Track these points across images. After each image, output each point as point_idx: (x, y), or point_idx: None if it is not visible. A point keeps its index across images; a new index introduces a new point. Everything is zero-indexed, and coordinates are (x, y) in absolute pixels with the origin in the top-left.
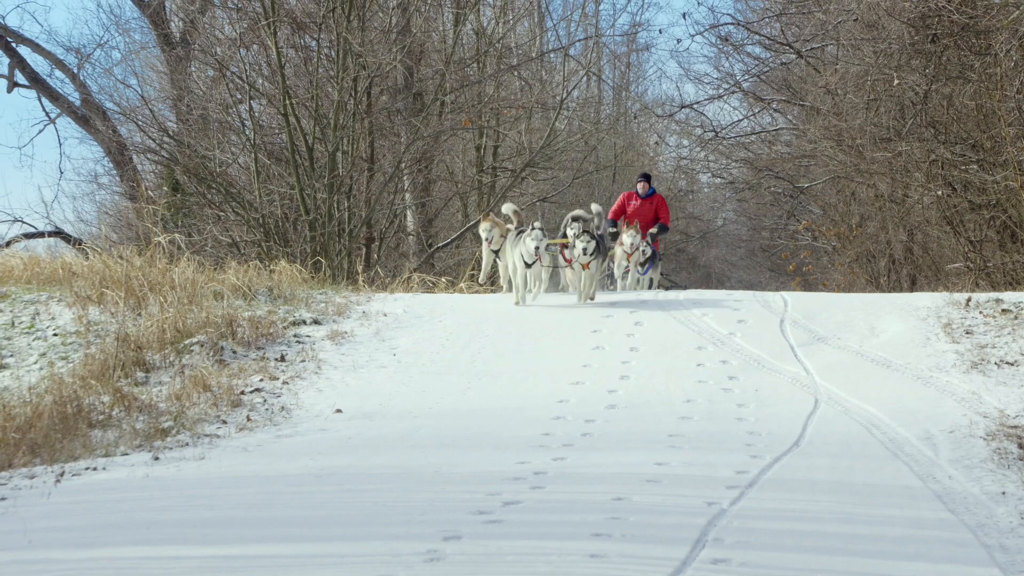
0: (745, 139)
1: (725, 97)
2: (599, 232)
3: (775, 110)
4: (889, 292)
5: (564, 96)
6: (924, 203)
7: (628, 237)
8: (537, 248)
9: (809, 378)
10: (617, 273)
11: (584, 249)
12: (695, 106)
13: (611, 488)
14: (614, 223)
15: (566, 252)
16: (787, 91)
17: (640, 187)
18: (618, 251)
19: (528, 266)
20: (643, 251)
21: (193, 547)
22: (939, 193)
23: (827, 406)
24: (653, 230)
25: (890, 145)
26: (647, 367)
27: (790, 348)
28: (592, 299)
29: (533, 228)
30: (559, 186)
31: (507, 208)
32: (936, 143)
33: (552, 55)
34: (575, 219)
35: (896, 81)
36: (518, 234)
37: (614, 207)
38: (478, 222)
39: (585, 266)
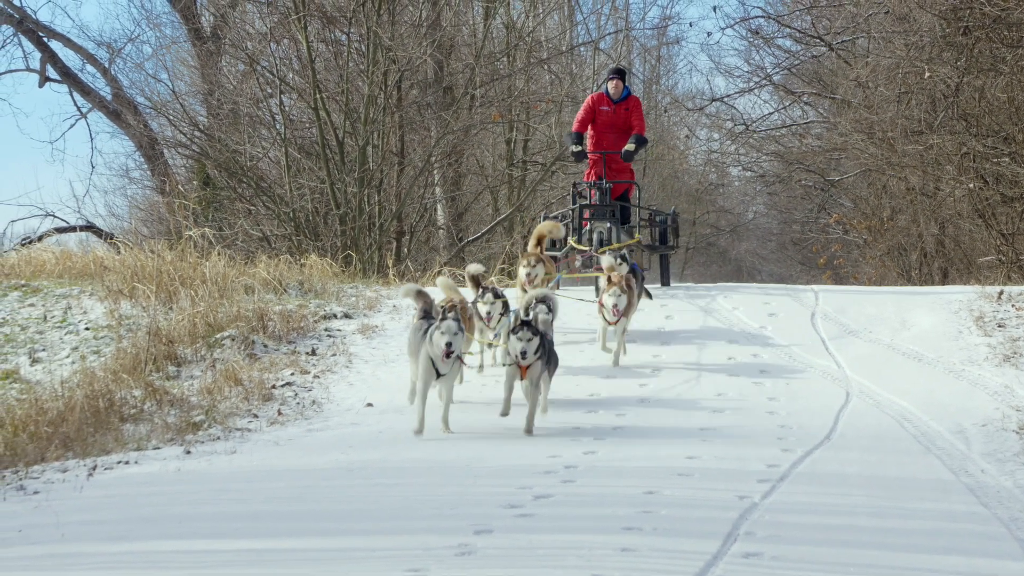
0: (776, 132)
1: (756, 90)
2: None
3: (806, 103)
4: (920, 285)
5: (594, 90)
6: (956, 196)
7: (610, 297)
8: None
9: (840, 372)
10: (602, 321)
11: (522, 352)
12: (725, 99)
13: (642, 482)
14: (580, 137)
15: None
16: (818, 84)
17: (612, 87)
18: (604, 298)
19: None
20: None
21: (225, 541)
22: (971, 186)
23: (858, 400)
24: (630, 146)
25: (921, 138)
26: (678, 361)
27: (821, 342)
28: (529, 434)
29: (485, 292)
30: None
31: (473, 269)
32: (968, 136)
33: (582, 48)
34: (540, 301)
35: (927, 74)
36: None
37: (580, 115)
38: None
39: (523, 370)
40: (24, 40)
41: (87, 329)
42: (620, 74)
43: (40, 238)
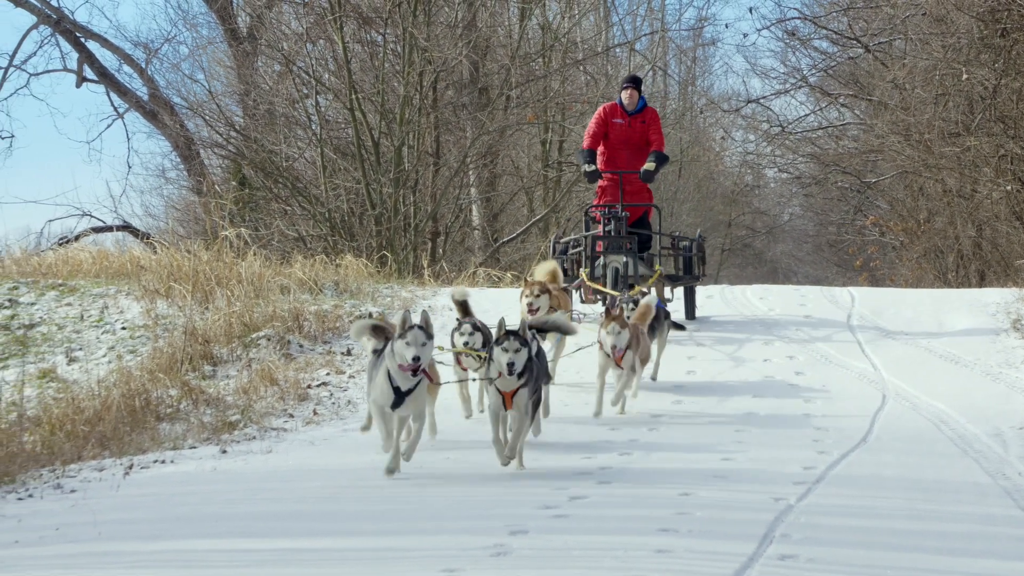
0: (812, 134)
1: (792, 92)
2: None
3: (842, 105)
4: (957, 288)
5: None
6: (993, 198)
7: (609, 336)
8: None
9: (877, 374)
10: (602, 366)
11: (510, 364)
12: (761, 101)
13: (677, 483)
14: (592, 155)
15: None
16: (854, 86)
17: (626, 98)
18: (602, 335)
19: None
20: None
21: (260, 540)
22: (1008, 188)
23: (895, 402)
24: (649, 165)
25: (959, 140)
26: (713, 362)
27: (857, 344)
28: (513, 460)
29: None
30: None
31: (458, 293)
32: (1005, 138)
33: (618, 50)
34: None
35: (965, 75)
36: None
37: (590, 129)
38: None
39: (508, 398)
40: (62, 40)
41: (123, 328)
42: (635, 83)
43: (77, 238)
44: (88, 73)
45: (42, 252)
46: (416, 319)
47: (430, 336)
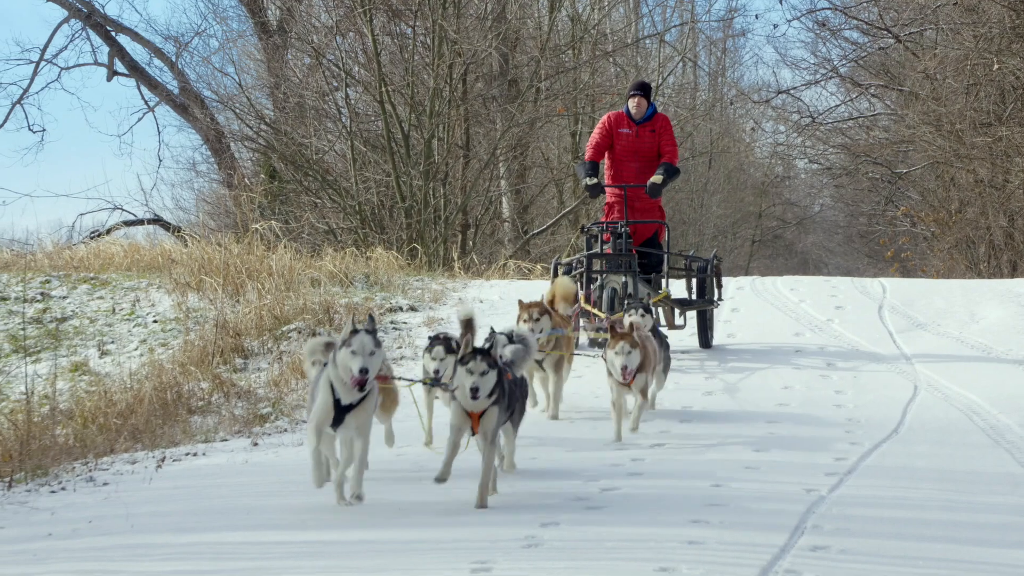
0: (842, 125)
1: (822, 82)
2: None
3: (873, 95)
4: (989, 278)
5: (660, 82)
6: None
7: (618, 356)
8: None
9: (908, 365)
10: (613, 395)
11: (474, 388)
12: (792, 91)
13: (709, 474)
14: (595, 167)
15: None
16: (885, 76)
17: (633, 106)
18: (610, 356)
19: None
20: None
21: (292, 532)
22: None
23: (926, 393)
24: (656, 178)
25: (990, 130)
26: (744, 354)
27: (889, 334)
28: (482, 507)
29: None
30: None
31: (464, 313)
32: None
33: (647, 41)
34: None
35: (996, 65)
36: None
37: (594, 138)
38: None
39: (475, 420)
40: (92, 34)
41: (155, 322)
42: (643, 89)
43: (108, 231)
44: (119, 67)
45: (74, 246)
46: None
47: (378, 343)
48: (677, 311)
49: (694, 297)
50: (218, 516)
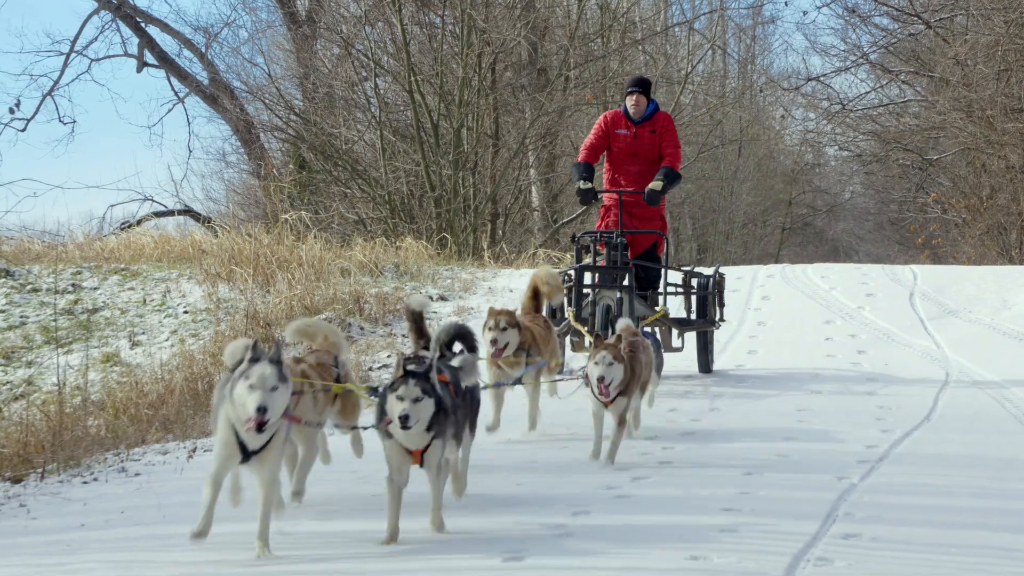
0: (872, 111)
1: (852, 69)
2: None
3: (903, 82)
4: (1021, 264)
5: (689, 70)
6: None
7: (596, 366)
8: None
9: (939, 352)
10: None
11: (404, 417)
12: (821, 78)
13: (740, 463)
14: (589, 169)
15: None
16: (915, 62)
17: (631, 104)
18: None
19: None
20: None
21: (326, 522)
22: None
23: (958, 380)
24: (655, 184)
25: (1021, 116)
26: (775, 341)
27: (920, 322)
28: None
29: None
30: (684, 160)
31: (415, 303)
32: None
33: (677, 29)
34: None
35: None
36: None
37: (589, 140)
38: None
39: (416, 456)
40: (122, 26)
41: (186, 312)
42: (642, 86)
43: (139, 222)
44: (148, 58)
45: (104, 237)
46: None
47: (284, 376)
48: (675, 332)
49: (694, 317)
50: (252, 506)
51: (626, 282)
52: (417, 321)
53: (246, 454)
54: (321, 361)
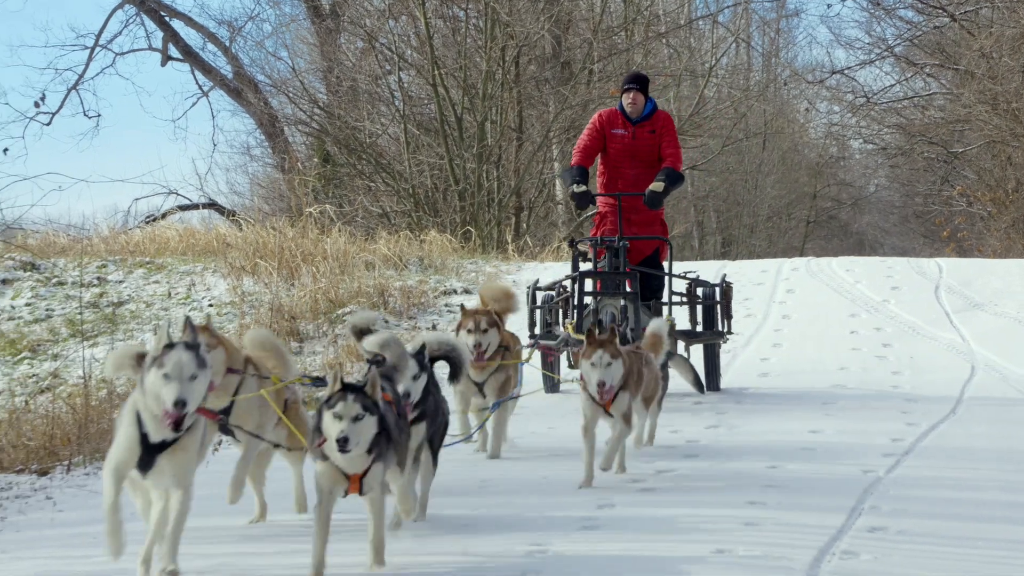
0: (897, 104)
1: (877, 62)
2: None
3: (928, 75)
4: None
5: (713, 63)
6: None
7: (596, 369)
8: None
9: (965, 345)
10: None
11: (342, 439)
12: (846, 71)
13: (765, 456)
14: (583, 173)
15: None
16: (940, 55)
17: (627, 102)
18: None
19: None
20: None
21: (349, 513)
22: None
23: (984, 373)
24: (656, 185)
25: None
26: (800, 334)
27: (945, 315)
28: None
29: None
30: (708, 154)
31: (360, 320)
32: None
33: (701, 22)
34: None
35: None
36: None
37: (581, 142)
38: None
39: (353, 482)
40: (147, 20)
41: (210, 306)
42: (639, 83)
43: (164, 216)
44: (173, 52)
45: (129, 230)
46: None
47: (203, 362)
48: (682, 344)
49: (699, 329)
50: (280, 498)
51: (631, 289)
52: (362, 336)
53: (148, 456)
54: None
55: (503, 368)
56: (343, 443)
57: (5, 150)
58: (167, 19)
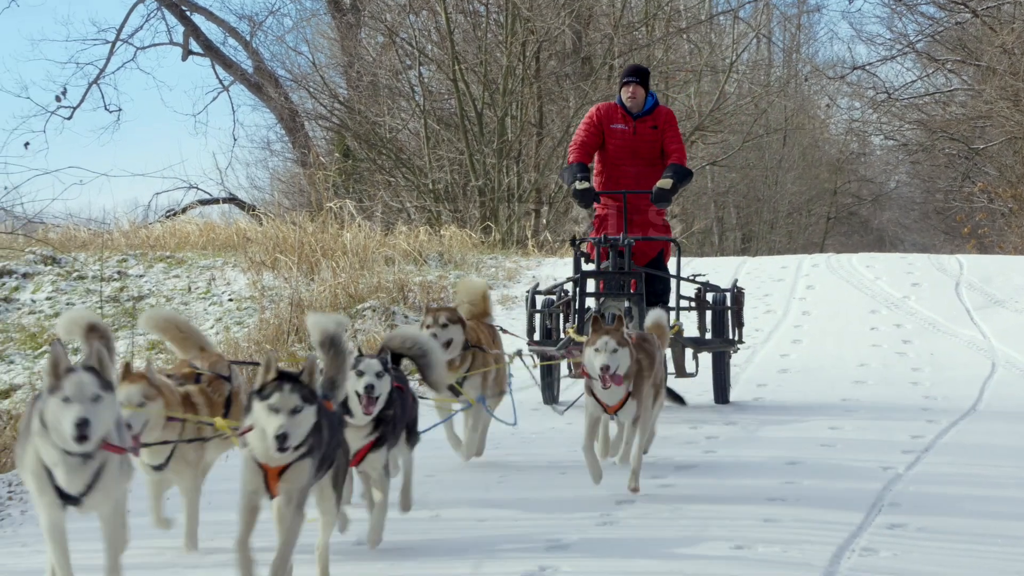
0: (918, 100)
1: (898, 58)
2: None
3: (949, 71)
4: None
5: (734, 59)
6: None
7: (598, 353)
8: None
9: (986, 342)
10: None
11: (280, 436)
12: (867, 67)
13: (784, 452)
14: (584, 168)
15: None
16: (962, 51)
17: (628, 95)
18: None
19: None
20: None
21: (362, 509)
22: None
23: (1005, 370)
24: (664, 182)
25: None
26: (819, 331)
27: (966, 311)
28: None
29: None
30: (728, 149)
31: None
32: None
33: (721, 18)
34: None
35: None
36: None
37: (578, 137)
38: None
39: (273, 478)
40: (167, 14)
41: (230, 300)
42: (639, 75)
43: (184, 210)
44: (194, 46)
45: (150, 225)
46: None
47: (108, 384)
48: (690, 352)
49: (707, 336)
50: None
51: (635, 290)
52: (332, 348)
53: (65, 497)
54: (212, 375)
55: (482, 366)
56: (282, 440)
57: (26, 144)
58: (188, 13)
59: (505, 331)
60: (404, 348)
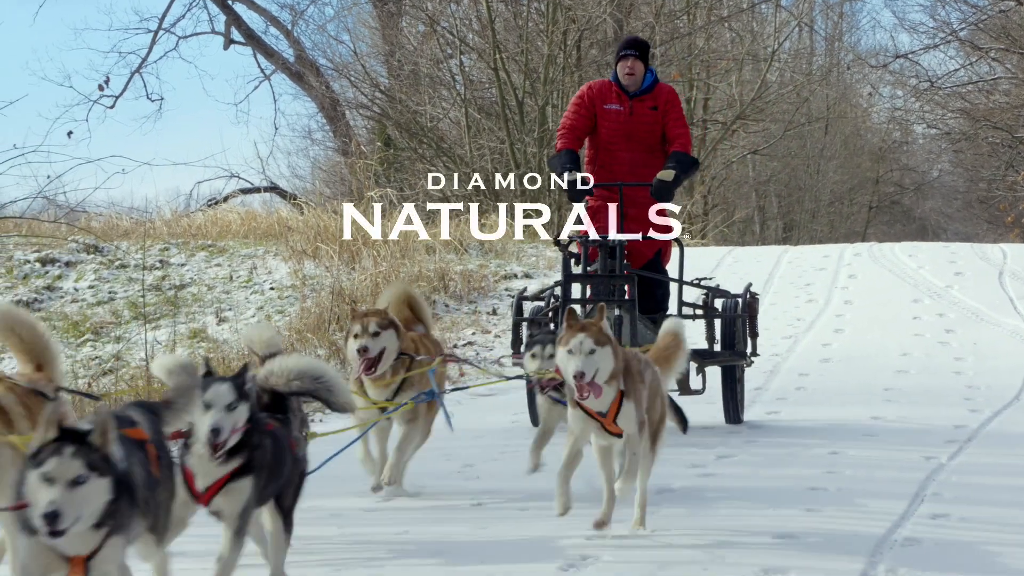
0: (961, 89)
1: (941, 46)
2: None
3: (993, 59)
4: None
5: (775, 48)
6: None
7: (573, 357)
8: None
9: None
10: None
11: (50, 515)
12: (910, 56)
13: (826, 442)
14: (573, 157)
15: None
16: (1006, 39)
17: (625, 71)
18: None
19: None
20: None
21: (413, 499)
22: None
23: None
24: (665, 173)
25: None
26: (862, 320)
27: (1009, 301)
28: None
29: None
30: (770, 138)
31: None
32: None
33: (763, 6)
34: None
35: None
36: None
37: (567, 119)
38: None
39: (76, 568)
40: (209, 3)
41: (272, 289)
42: (637, 48)
43: (226, 199)
44: (235, 36)
45: (191, 213)
46: None
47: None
48: (694, 367)
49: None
50: (340, 482)
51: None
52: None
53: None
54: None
55: (416, 379)
56: (51, 519)
57: (69, 133)
58: (230, 3)
59: (453, 358)
60: (288, 386)
